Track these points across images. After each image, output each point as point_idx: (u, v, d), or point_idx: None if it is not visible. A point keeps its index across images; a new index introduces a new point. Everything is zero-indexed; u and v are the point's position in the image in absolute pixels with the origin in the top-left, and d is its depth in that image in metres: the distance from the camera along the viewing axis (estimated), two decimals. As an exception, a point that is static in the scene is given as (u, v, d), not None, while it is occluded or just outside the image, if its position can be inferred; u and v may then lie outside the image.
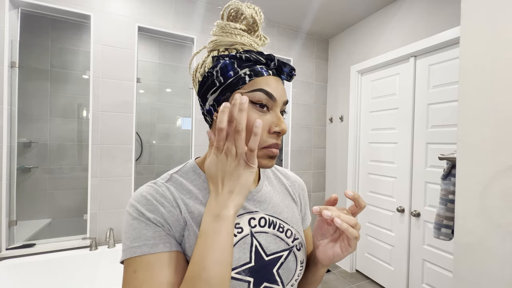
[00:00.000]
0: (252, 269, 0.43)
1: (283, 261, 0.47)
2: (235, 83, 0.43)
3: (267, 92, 0.42)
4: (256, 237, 0.46)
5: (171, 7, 1.99)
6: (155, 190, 0.43)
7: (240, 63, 0.43)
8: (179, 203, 0.43)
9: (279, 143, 0.44)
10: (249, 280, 0.42)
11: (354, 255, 2.43)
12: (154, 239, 0.39)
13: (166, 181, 0.46)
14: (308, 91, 2.62)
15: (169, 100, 2.66)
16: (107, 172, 1.81)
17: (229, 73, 0.43)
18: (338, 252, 0.45)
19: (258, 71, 0.43)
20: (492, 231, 0.78)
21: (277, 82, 0.45)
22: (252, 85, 0.42)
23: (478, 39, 0.83)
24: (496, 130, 0.78)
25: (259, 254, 0.45)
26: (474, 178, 0.83)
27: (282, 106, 0.45)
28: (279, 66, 0.46)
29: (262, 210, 0.49)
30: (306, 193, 0.61)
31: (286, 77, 0.48)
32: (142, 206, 0.40)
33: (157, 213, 0.40)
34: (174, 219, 0.41)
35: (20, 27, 1.67)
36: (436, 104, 1.76)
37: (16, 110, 1.66)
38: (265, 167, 0.45)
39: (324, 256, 0.47)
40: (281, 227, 0.50)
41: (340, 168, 2.56)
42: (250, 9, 0.45)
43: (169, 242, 0.39)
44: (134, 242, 0.38)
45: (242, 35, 0.45)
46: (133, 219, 0.40)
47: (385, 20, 2.09)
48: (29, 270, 1.54)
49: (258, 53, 0.44)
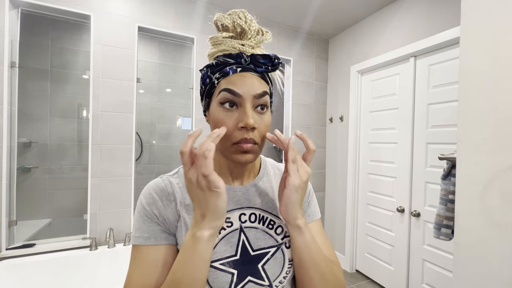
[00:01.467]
0: (236, 262, 0.46)
1: (269, 257, 0.48)
2: (209, 88, 0.47)
3: (229, 90, 0.44)
4: (245, 232, 0.49)
5: (171, 7, 1.99)
6: (158, 185, 0.49)
7: (212, 69, 0.47)
8: (176, 197, 0.48)
9: (249, 138, 0.43)
10: (232, 272, 0.45)
11: (354, 255, 2.43)
12: (149, 233, 0.46)
13: (173, 174, 0.52)
14: (308, 91, 2.62)
15: (169, 100, 2.66)
16: (107, 172, 1.81)
17: (206, 81, 0.48)
18: (284, 191, 0.44)
19: (225, 72, 0.45)
20: (492, 231, 0.78)
21: (244, 78, 0.45)
22: (219, 86, 0.45)
23: (478, 39, 0.83)
24: (496, 130, 0.78)
25: (245, 248, 0.48)
26: (474, 178, 0.83)
27: (255, 100, 0.45)
28: (254, 60, 0.46)
29: (256, 204, 0.51)
30: (308, 189, 0.59)
31: (266, 68, 0.47)
32: (144, 199, 0.48)
33: (153, 207, 0.47)
34: (169, 212, 0.47)
35: (20, 27, 1.66)
36: (436, 104, 1.76)
37: (16, 110, 1.66)
38: (241, 162, 0.45)
39: (281, 209, 0.46)
40: (271, 223, 0.51)
41: (340, 168, 2.56)
42: (231, 16, 0.47)
43: (159, 236, 0.46)
44: (136, 233, 0.46)
45: (225, 42, 0.48)
46: (137, 211, 0.48)
47: (385, 20, 2.09)
48: (29, 270, 1.54)
49: (227, 55, 0.46)
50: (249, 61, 0.46)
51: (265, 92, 0.46)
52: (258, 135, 0.45)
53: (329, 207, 2.70)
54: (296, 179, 0.43)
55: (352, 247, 2.42)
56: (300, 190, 0.44)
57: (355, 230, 2.42)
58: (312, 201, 0.58)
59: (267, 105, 0.47)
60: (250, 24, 0.47)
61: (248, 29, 0.47)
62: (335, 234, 2.61)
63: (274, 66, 0.48)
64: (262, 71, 0.47)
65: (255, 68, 0.47)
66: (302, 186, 0.44)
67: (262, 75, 0.48)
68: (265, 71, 0.48)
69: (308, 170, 0.45)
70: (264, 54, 0.47)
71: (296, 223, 0.45)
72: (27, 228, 1.82)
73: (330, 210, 2.68)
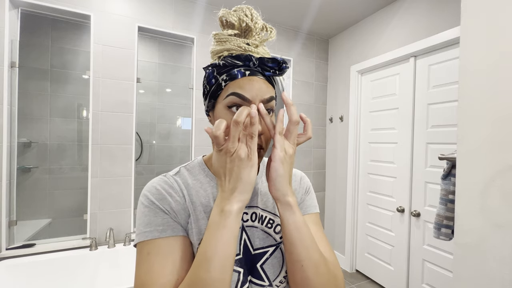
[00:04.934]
0: (241, 260, 0.46)
1: (268, 257, 0.48)
2: (215, 89, 0.46)
3: (238, 95, 0.43)
4: (246, 231, 0.48)
5: (171, 7, 1.99)
6: (165, 181, 0.48)
7: (219, 70, 0.46)
8: (184, 194, 0.48)
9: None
10: (239, 271, 0.45)
11: (354, 255, 2.43)
12: (163, 225, 0.44)
13: (175, 174, 0.51)
14: (308, 91, 2.62)
15: (169, 100, 2.66)
16: (107, 172, 1.81)
17: (211, 81, 0.47)
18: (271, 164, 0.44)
19: (233, 74, 0.45)
20: (492, 231, 0.78)
21: (252, 82, 0.44)
22: (227, 90, 0.45)
23: (478, 39, 0.83)
24: (496, 130, 0.78)
25: (247, 247, 0.48)
26: (474, 178, 0.83)
27: (262, 104, 0.45)
28: (262, 63, 0.46)
29: (256, 203, 0.51)
30: (305, 182, 0.58)
31: (274, 72, 0.47)
32: (152, 195, 0.46)
33: (164, 202, 0.45)
34: (180, 208, 0.46)
35: (20, 27, 1.67)
36: (436, 104, 1.76)
37: (16, 110, 1.66)
38: None
39: (270, 187, 0.44)
40: (270, 222, 0.51)
41: (340, 168, 2.56)
42: (237, 12, 0.46)
43: (176, 227, 0.44)
44: (146, 228, 0.44)
45: (230, 40, 0.47)
46: (145, 207, 0.45)
47: (385, 20, 2.09)
48: (29, 270, 1.54)
49: (234, 57, 0.45)
50: (257, 64, 0.46)
51: (272, 97, 0.46)
52: (264, 139, 0.45)
53: (329, 207, 2.70)
54: (281, 151, 0.43)
55: (352, 247, 2.42)
56: (286, 163, 0.43)
57: (355, 230, 2.42)
58: (309, 195, 0.57)
59: (273, 110, 0.47)
60: (256, 22, 0.47)
61: (254, 27, 0.47)
62: (335, 234, 2.61)
63: (281, 71, 0.48)
64: (269, 75, 0.47)
65: (263, 71, 0.46)
66: (287, 160, 0.43)
67: (269, 79, 0.47)
68: (272, 75, 0.48)
69: (293, 146, 0.45)
70: (273, 58, 0.46)
71: (285, 199, 0.43)
72: (27, 228, 1.82)
73: (330, 210, 2.68)
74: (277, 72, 0.47)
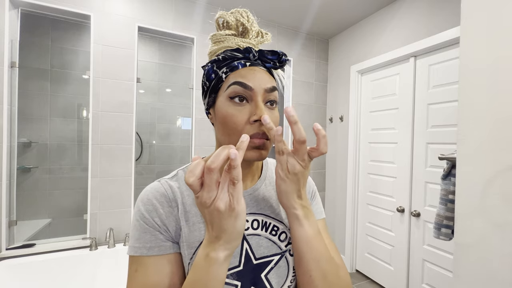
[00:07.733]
0: (240, 273, 0.44)
1: (273, 266, 0.46)
2: (216, 83, 0.45)
3: (240, 83, 0.42)
4: (247, 240, 0.46)
5: (171, 7, 1.99)
6: (157, 189, 0.46)
7: (219, 64, 0.45)
8: (178, 203, 0.45)
9: (262, 132, 0.42)
10: (236, 284, 0.43)
11: (354, 255, 2.43)
12: (151, 242, 0.42)
13: (172, 177, 0.49)
14: (308, 91, 2.62)
15: (169, 100, 2.66)
16: (107, 172, 1.81)
17: (211, 76, 0.45)
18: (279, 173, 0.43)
19: (234, 66, 0.44)
20: (492, 231, 0.78)
21: (254, 72, 0.44)
22: (228, 81, 0.43)
23: (478, 39, 0.83)
24: (496, 130, 0.78)
25: (248, 257, 0.45)
26: (474, 178, 0.83)
27: (265, 94, 0.43)
28: (262, 55, 0.46)
29: (258, 210, 0.49)
30: (310, 187, 0.57)
31: (274, 65, 0.47)
32: (143, 206, 0.44)
33: (154, 214, 0.43)
34: (172, 219, 0.44)
35: (20, 27, 1.66)
36: (436, 104, 1.76)
37: (16, 110, 1.66)
38: (253, 159, 0.43)
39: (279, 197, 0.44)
40: (275, 229, 0.48)
41: (340, 168, 2.56)
42: (234, 14, 0.47)
43: (163, 246, 0.43)
44: (136, 243, 0.43)
45: (228, 39, 0.47)
46: (136, 220, 0.44)
47: (385, 20, 2.09)
48: (29, 270, 1.54)
49: (234, 50, 0.45)
50: (257, 56, 0.45)
51: (274, 87, 0.45)
52: None
53: (329, 207, 2.70)
54: (282, 170, 0.42)
55: (352, 247, 2.42)
56: (289, 180, 0.42)
57: (355, 230, 2.42)
58: (315, 200, 0.56)
59: (276, 101, 0.46)
60: (252, 24, 0.47)
61: (250, 29, 0.47)
62: (335, 234, 2.61)
63: (281, 63, 0.47)
64: (270, 67, 0.47)
65: (263, 63, 0.46)
66: (290, 178, 0.42)
67: (270, 71, 0.47)
68: (273, 67, 0.47)
69: (301, 163, 0.41)
70: (272, 50, 0.46)
71: (292, 212, 0.42)
72: (27, 228, 1.82)
73: (330, 210, 2.68)
74: (277, 64, 0.47)
